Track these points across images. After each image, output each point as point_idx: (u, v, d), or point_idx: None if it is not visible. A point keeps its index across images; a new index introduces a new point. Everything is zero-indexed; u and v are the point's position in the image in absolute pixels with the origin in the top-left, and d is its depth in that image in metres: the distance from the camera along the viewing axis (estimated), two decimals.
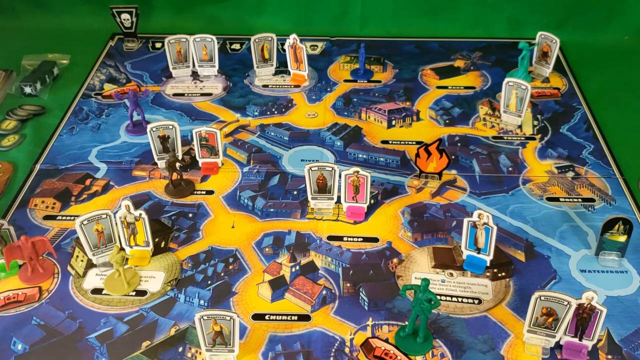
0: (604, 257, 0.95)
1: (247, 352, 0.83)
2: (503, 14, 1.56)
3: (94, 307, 0.89)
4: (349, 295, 0.91)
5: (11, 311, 0.89)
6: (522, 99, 1.20)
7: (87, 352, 0.83)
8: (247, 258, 0.97)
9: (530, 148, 1.18)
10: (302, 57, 1.35)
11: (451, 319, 0.87)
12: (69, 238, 1.00)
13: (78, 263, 0.96)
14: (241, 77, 1.41)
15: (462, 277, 0.93)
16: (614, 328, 0.85)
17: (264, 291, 0.92)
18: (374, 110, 1.29)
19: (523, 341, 0.83)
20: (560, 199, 1.07)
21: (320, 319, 0.87)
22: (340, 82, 1.38)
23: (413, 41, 1.53)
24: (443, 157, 1.07)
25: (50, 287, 0.93)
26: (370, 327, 0.86)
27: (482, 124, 1.25)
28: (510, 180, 1.11)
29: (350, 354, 0.83)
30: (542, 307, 0.79)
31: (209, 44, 1.36)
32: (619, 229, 0.92)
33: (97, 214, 0.92)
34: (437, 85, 1.37)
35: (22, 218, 1.04)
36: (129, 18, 1.49)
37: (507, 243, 0.98)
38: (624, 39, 1.52)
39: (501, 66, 1.43)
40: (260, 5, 1.60)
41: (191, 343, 0.84)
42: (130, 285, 0.92)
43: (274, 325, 0.87)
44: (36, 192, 1.10)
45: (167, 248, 0.99)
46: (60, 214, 1.05)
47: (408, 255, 0.97)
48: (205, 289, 0.92)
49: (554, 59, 1.34)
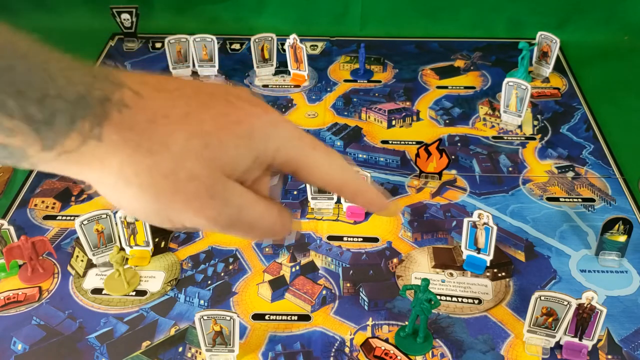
0: (604, 257, 0.95)
1: (247, 352, 0.83)
2: (503, 14, 1.56)
3: (94, 307, 0.89)
4: (349, 295, 0.91)
5: (11, 311, 0.89)
6: (522, 99, 1.20)
7: (87, 352, 0.83)
8: (247, 258, 0.97)
9: (530, 148, 1.18)
10: (302, 57, 1.35)
11: (451, 319, 0.87)
12: (69, 238, 1.01)
13: (78, 263, 0.96)
14: (241, 77, 1.41)
15: (462, 277, 0.93)
16: (614, 328, 0.85)
17: (264, 291, 0.92)
18: (374, 110, 1.29)
19: (523, 341, 0.83)
20: (560, 199, 1.07)
21: (320, 319, 0.87)
22: (340, 82, 1.38)
23: (413, 41, 1.53)
24: (443, 157, 1.07)
25: (51, 287, 0.93)
26: (370, 327, 0.86)
27: (482, 124, 1.25)
28: (510, 180, 1.11)
29: (350, 354, 0.83)
30: (542, 307, 0.79)
31: (209, 44, 1.36)
32: (619, 229, 0.92)
33: (97, 214, 0.92)
34: (437, 85, 1.37)
35: (22, 218, 1.04)
36: (129, 18, 1.49)
37: (507, 243, 0.98)
38: (624, 39, 1.52)
39: (501, 66, 1.43)
40: (261, 5, 1.60)
41: (191, 343, 0.84)
42: (130, 285, 0.92)
43: (274, 325, 0.87)
44: (36, 192, 1.10)
45: (167, 248, 0.99)
46: (60, 214, 1.05)
47: (408, 255, 0.97)
48: (205, 289, 0.92)
49: (554, 59, 1.34)
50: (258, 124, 0.35)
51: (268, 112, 0.36)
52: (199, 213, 0.34)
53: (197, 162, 0.33)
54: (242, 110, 0.35)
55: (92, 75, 0.32)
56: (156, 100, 0.33)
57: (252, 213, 0.36)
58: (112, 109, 0.32)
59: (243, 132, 0.34)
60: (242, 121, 0.35)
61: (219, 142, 0.34)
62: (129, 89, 0.33)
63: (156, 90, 0.34)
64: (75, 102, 0.31)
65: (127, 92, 0.33)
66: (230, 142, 0.34)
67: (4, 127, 0.29)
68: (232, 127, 0.34)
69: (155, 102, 0.33)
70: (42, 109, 0.30)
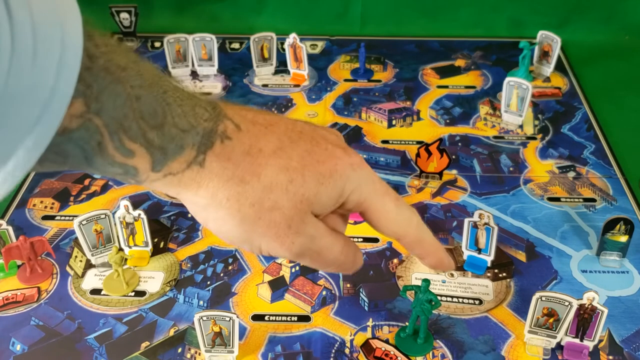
0: (605, 257, 0.94)
1: (247, 352, 0.82)
2: (504, 14, 1.55)
3: (93, 308, 0.89)
4: (349, 296, 0.90)
5: (10, 312, 0.89)
6: (523, 98, 1.19)
7: (86, 352, 0.83)
8: (246, 258, 0.97)
9: (531, 148, 1.18)
10: (301, 57, 1.34)
11: (452, 320, 0.87)
12: (67, 238, 1.00)
13: (77, 263, 0.96)
14: (241, 76, 1.41)
15: (462, 277, 0.93)
16: (615, 328, 0.85)
17: (263, 292, 0.91)
18: (374, 109, 1.29)
19: (524, 342, 0.83)
20: (561, 199, 1.06)
21: (320, 320, 0.87)
22: (340, 82, 1.38)
23: (413, 40, 1.53)
24: (444, 156, 1.07)
25: (49, 288, 0.92)
26: (371, 328, 0.86)
27: (482, 124, 1.25)
28: (511, 180, 1.11)
29: (351, 354, 0.82)
30: (543, 307, 0.79)
31: (208, 43, 1.36)
32: (620, 229, 0.92)
33: (96, 214, 0.92)
34: (438, 85, 1.37)
35: (20, 218, 1.04)
36: (128, 17, 1.49)
37: (508, 243, 0.98)
38: (625, 39, 1.51)
39: (502, 65, 1.42)
40: (260, 4, 1.59)
41: (190, 344, 0.84)
42: (129, 286, 0.91)
43: (274, 326, 0.86)
44: (35, 192, 1.09)
45: (167, 248, 0.98)
46: (59, 214, 1.05)
47: (408, 255, 0.96)
48: (204, 290, 0.91)
49: (555, 58, 1.34)
50: (340, 165, 0.39)
51: (350, 155, 0.40)
52: (276, 239, 0.38)
53: (281, 195, 0.37)
54: (326, 151, 0.39)
55: (202, 107, 0.36)
56: (252, 134, 0.37)
57: (321, 243, 0.40)
58: (216, 140, 0.36)
59: (325, 171, 0.38)
60: (325, 161, 0.38)
61: (303, 178, 0.37)
62: (230, 121, 0.37)
63: (252, 123, 0.38)
64: (186, 131, 0.35)
65: (230, 124, 0.37)
66: (313, 179, 0.38)
67: (126, 148, 0.33)
68: (316, 165, 0.38)
69: (251, 136, 0.37)
70: (159, 136, 0.34)
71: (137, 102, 0.33)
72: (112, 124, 0.32)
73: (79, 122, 0.31)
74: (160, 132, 0.34)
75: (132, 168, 0.34)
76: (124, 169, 0.34)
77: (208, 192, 0.36)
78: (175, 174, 0.36)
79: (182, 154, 0.35)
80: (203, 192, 0.37)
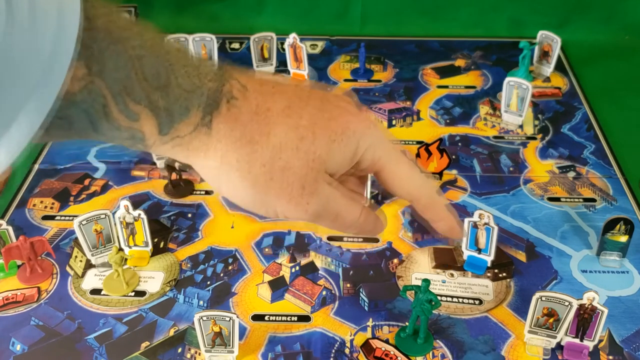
0: (605, 257, 0.94)
1: (247, 352, 0.82)
2: (504, 14, 1.55)
3: (93, 308, 0.89)
4: (349, 296, 0.90)
5: (10, 312, 0.89)
6: (523, 98, 1.19)
7: (86, 352, 0.83)
8: (246, 258, 0.97)
9: (531, 148, 1.18)
10: (301, 57, 1.34)
11: (452, 320, 0.87)
12: (67, 238, 1.00)
13: (77, 263, 0.96)
14: None
15: (462, 277, 0.93)
16: (615, 329, 0.85)
17: (263, 292, 0.91)
18: (374, 109, 1.29)
19: (524, 342, 0.83)
20: (561, 199, 1.06)
21: (320, 320, 0.87)
22: (340, 82, 1.38)
23: (413, 40, 1.53)
24: (444, 156, 1.07)
25: (49, 288, 0.92)
26: (371, 328, 0.86)
27: (482, 124, 1.25)
28: (511, 180, 1.11)
29: (351, 354, 0.82)
30: (543, 307, 0.79)
31: (208, 43, 1.36)
32: (620, 229, 0.92)
33: (96, 214, 0.92)
34: (438, 85, 1.37)
35: (20, 218, 1.04)
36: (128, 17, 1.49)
37: (508, 243, 0.98)
38: (625, 39, 1.51)
39: (502, 65, 1.42)
40: (260, 4, 1.59)
41: (190, 344, 0.84)
42: (129, 286, 0.91)
43: (274, 326, 0.86)
44: (35, 192, 1.09)
45: (167, 248, 0.98)
46: (59, 214, 1.05)
47: (408, 255, 0.96)
48: (204, 290, 0.91)
49: (555, 58, 1.34)
50: (353, 122, 0.38)
51: (362, 113, 0.39)
52: (290, 201, 0.37)
53: (292, 154, 0.36)
54: (338, 109, 0.38)
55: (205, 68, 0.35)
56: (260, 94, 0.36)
57: (338, 204, 0.39)
58: (222, 100, 0.35)
59: (337, 128, 0.37)
60: (337, 118, 0.37)
61: (314, 135, 0.36)
62: (237, 81, 0.36)
63: (260, 84, 0.37)
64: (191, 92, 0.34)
65: (236, 84, 0.36)
66: (324, 136, 0.36)
67: (130, 110, 0.32)
68: (327, 123, 0.37)
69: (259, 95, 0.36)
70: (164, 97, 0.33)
71: (139, 63, 0.32)
72: (115, 86, 0.31)
73: (81, 84, 0.31)
74: (165, 93, 0.33)
75: (139, 132, 0.34)
76: (130, 133, 0.34)
77: (217, 154, 0.36)
78: (183, 136, 0.35)
79: (188, 115, 0.34)
80: (212, 154, 0.36)
